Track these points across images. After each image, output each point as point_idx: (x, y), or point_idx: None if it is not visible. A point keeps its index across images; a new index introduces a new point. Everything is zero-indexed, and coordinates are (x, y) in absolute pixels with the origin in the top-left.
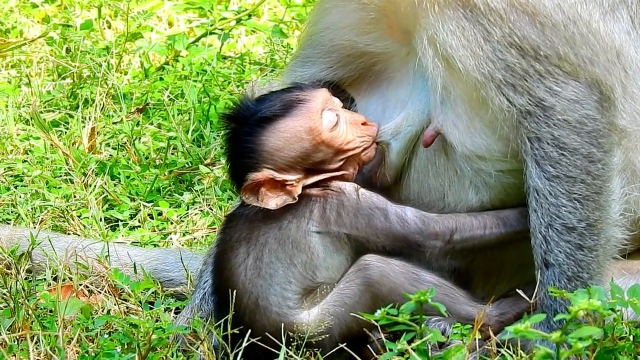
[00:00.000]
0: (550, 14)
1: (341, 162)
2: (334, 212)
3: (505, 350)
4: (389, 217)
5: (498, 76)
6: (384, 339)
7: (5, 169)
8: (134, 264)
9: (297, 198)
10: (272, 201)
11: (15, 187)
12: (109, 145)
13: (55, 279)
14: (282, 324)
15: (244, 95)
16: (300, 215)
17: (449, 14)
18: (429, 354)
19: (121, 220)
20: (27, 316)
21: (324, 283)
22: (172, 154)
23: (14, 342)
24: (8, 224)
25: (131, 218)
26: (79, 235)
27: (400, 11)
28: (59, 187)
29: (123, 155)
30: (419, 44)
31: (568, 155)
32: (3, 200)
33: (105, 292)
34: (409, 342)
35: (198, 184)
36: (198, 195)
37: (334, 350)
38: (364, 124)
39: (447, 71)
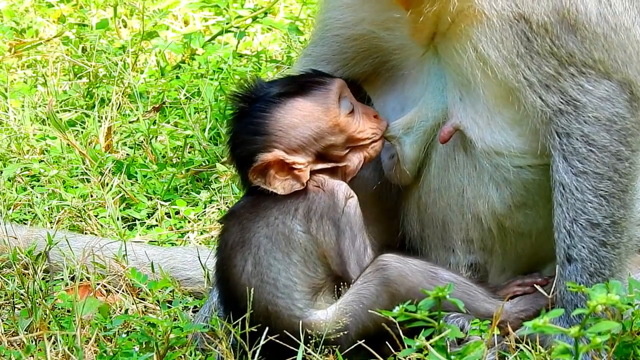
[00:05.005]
0: (594, 28)
1: (347, 151)
2: (317, 214)
3: (524, 346)
4: (354, 244)
5: (533, 80)
6: (402, 335)
7: (22, 169)
8: (152, 263)
9: (305, 184)
10: (280, 184)
11: (32, 187)
12: (126, 145)
13: (72, 278)
14: (300, 323)
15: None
16: (285, 211)
17: (497, 25)
18: (448, 350)
19: (138, 219)
20: (45, 316)
21: (330, 276)
22: (189, 152)
23: (32, 342)
24: (25, 224)
25: (148, 217)
26: (96, 234)
27: (441, 18)
28: (76, 187)
29: (140, 154)
30: (456, 47)
31: (596, 152)
32: (20, 201)
33: (122, 291)
34: (428, 338)
35: (215, 182)
36: (215, 193)
37: (352, 347)
38: (375, 117)
39: (480, 75)
